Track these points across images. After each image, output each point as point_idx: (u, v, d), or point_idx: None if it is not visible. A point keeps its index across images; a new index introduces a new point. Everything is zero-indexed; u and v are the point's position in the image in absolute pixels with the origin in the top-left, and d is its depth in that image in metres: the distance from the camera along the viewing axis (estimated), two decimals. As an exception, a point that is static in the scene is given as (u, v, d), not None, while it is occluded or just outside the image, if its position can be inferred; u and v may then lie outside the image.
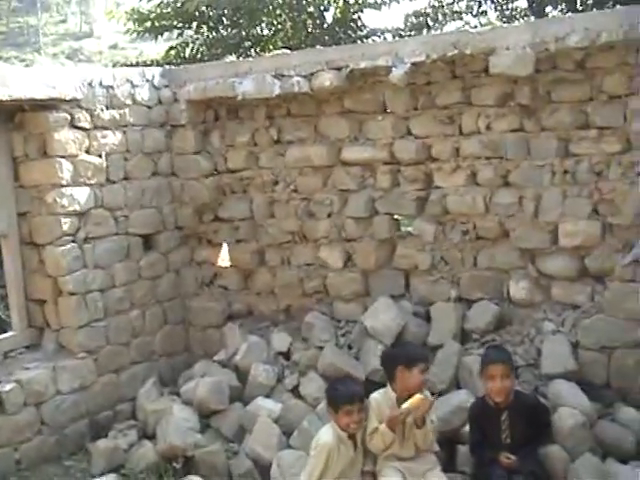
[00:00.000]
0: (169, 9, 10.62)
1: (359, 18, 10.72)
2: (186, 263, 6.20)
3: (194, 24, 10.70)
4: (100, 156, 5.39)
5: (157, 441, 4.94)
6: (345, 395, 3.86)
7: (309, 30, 10.75)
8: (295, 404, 4.98)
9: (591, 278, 4.82)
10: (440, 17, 11.87)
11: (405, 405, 3.97)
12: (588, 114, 4.68)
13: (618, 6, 8.20)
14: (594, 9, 8.76)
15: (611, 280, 4.62)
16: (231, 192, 6.02)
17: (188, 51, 10.59)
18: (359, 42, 10.06)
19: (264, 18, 10.63)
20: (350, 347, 5.33)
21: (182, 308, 6.16)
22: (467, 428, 4.29)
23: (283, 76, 5.34)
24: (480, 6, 11.78)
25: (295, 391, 5.17)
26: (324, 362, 5.11)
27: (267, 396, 5.14)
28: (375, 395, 4.07)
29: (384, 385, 4.21)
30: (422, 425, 3.95)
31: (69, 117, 5.19)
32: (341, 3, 10.79)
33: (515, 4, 11.90)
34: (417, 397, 3.97)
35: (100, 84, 5.39)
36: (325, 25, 10.90)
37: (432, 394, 4.30)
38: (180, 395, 5.32)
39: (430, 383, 4.64)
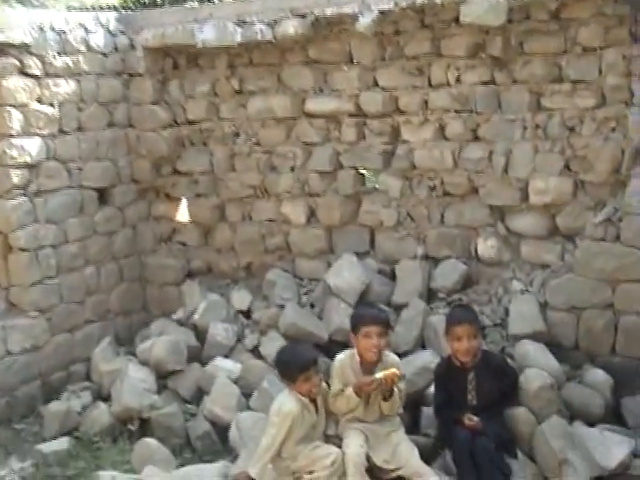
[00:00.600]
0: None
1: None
2: (143, 218, 6.00)
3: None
4: (52, 105, 5.15)
5: (112, 403, 4.81)
6: (298, 364, 3.72)
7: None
8: (255, 364, 4.89)
9: (561, 237, 4.74)
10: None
11: (379, 375, 3.79)
12: (562, 67, 4.55)
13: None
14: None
15: (582, 239, 4.53)
16: (190, 144, 5.85)
17: (146, -6, 10.68)
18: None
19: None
20: (312, 306, 5.25)
21: (139, 265, 6.00)
22: (432, 389, 4.22)
23: (245, 23, 5.16)
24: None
25: (255, 351, 5.08)
26: (285, 321, 5.00)
27: (226, 356, 5.04)
28: (340, 356, 3.95)
29: (347, 345, 4.11)
30: (389, 398, 3.85)
31: (18, 63, 4.93)
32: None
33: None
34: (391, 371, 3.82)
35: (51, 29, 5.23)
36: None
37: (398, 355, 4.22)
38: (136, 355, 5.19)
39: (395, 344, 4.63)
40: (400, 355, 4.45)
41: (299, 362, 3.74)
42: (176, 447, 4.49)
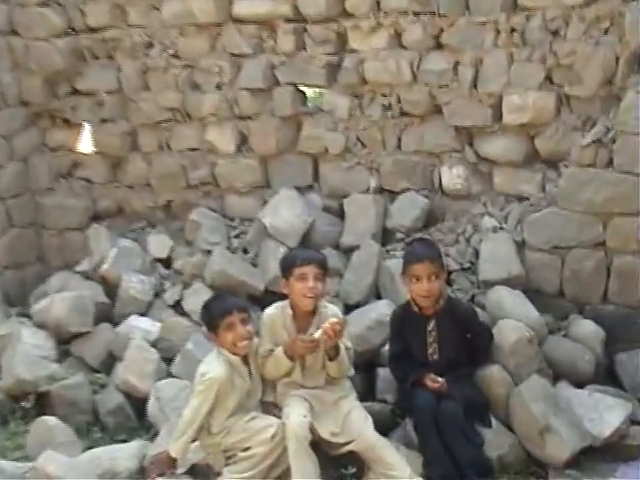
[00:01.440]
0: None
1: None
2: (36, 149, 5.75)
3: None
4: None
5: (1, 376, 4.67)
6: (221, 308, 3.72)
7: None
8: (177, 323, 4.83)
9: (542, 163, 4.71)
10: None
11: (318, 334, 3.69)
12: (543, -46, 4.37)
13: None
14: None
15: (567, 165, 4.47)
16: (93, 57, 5.57)
17: None
18: None
19: None
20: (246, 251, 5.23)
21: (32, 207, 5.78)
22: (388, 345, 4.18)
23: None
24: None
25: (177, 307, 5.01)
26: (213, 270, 4.93)
27: (142, 314, 4.97)
28: (269, 311, 3.91)
29: (286, 297, 4.06)
30: (335, 357, 3.77)
31: None
32: None
33: None
34: (330, 322, 3.68)
35: None
36: None
37: (348, 308, 4.29)
38: (31, 317, 5.03)
39: (345, 293, 4.66)
40: (350, 307, 4.52)
41: (220, 306, 3.73)
42: (82, 426, 4.37)
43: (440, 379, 3.76)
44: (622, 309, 4.38)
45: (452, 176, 4.96)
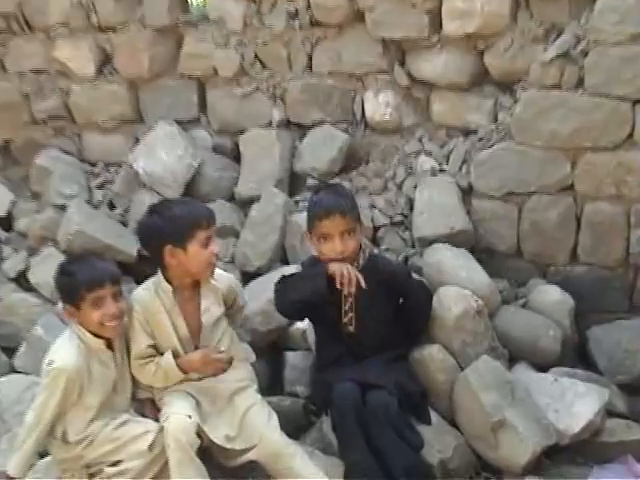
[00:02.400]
0: None
1: None
2: None
3: None
4: None
5: None
6: (88, 276, 3.56)
7: None
8: (21, 300, 4.82)
9: (493, 86, 4.72)
10: None
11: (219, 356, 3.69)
12: None
13: None
14: None
15: (525, 88, 4.46)
16: None
17: None
18: None
19: None
20: (112, 205, 5.21)
21: None
22: (297, 325, 4.27)
23: None
24: None
25: (21, 280, 4.99)
26: (69, 230, 4.84)
27: None
28: (139, 295, 3.75)
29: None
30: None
31: None
32: None
33: None
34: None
35: None
36: None
37: (247, 276, 4.37)
38: None
39: (242, 258, 4.67)
40: (249, 275, 4.52)
41: (88, 274, 3.57)
42: None
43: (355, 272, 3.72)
44: (596, 270, 4.44)
45: (378, 104, 4.95)
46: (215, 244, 3.69)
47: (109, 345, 3.66)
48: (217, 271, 3.82)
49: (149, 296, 3.74)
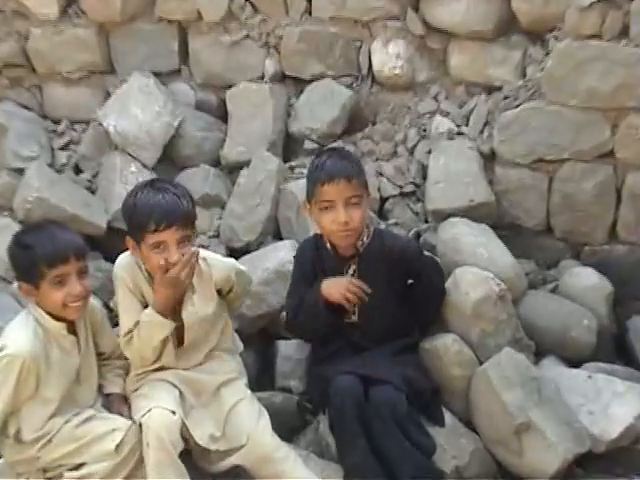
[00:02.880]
0: None
1: None
2: None
3: None
4: None
5: None
6: (50, 250, 3.50)
7: None
8: None
9: (522, 35, 4.70)
10: None
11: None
12: None
13: None
14: None
15: (559, 37, 4.44)
16: None
17: None
18: None
19: None
20: (78, 169, 5.17)
21: None
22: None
23: None
24: None
25: None
26: (27, 198, 4.76)
27: None
28: (123, 259, 3.76)
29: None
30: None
31: None
32: None
33: None
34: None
35: None
36: None
37: (234, 252, 4.41)
38: None
39: (228, 232, 4.68)
40: (237, 252, 4.51)
41: (50, 247, 3.51)
42: None
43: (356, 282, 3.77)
44: (638, 251, 4.42)
45: (388, 56, 4.92)
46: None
47: (71, 329, 3.63)
48: (213, 256, 3.83)
49: (133, 263, 3.73)
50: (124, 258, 3.77)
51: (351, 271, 3.87)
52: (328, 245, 3.90)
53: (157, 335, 3.63)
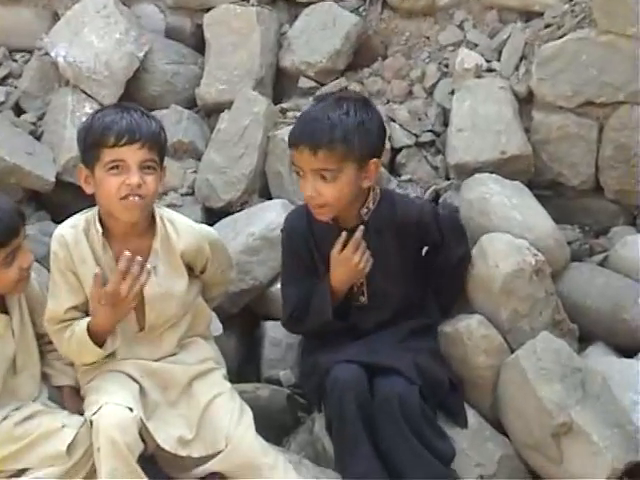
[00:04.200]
0: None
1: None
2: None
3: None
4: None
5: None
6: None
7: None
8: None
9: None
10: None
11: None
12: None
13: None
14: None
15: None
16: None
17: None
18: None
19: None
20: (20, 109, 5.23)
21: None
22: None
23: None
24: None
25: None
26: None
27: None
28: (63, 230, 3.79)
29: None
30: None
31: None
32: None
33: None
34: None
35: None
36: None
37: (213, 216, 4.48)
38: None
39: (205, 189, 4.72)
40: (216, 214, 4.61)
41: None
42: None
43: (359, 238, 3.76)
44: None
45: None
46: (134, 169, 3.64)
47: (1, 307, 3.67)
48: (182, 220, 3.86)
49: (74, 236, 3.74)
50: (65, 225, 3.81)
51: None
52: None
53: (87, 358, 3.71)
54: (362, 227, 3.75)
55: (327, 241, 3.88)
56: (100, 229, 3.70)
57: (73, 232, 3.74)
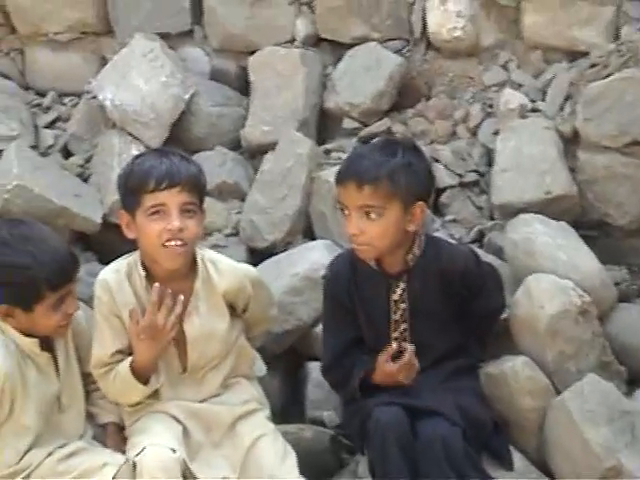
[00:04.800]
0: None
1: None
2: None
3: None
4: None
5: None
6: (51, 269, 3.54)
7: None
8: None
9: None
10: None
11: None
12: None
13: None
14: None
15: None
16: None
17: None
18: None
19: None
20: (68, 152, 5.21)
21: None
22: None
23: None
24: None
25: None
26: (5, 186, 4.74)
27: None
28: (106, 275, 3.80)
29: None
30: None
31: None
32: None
33: None
34: None
35: None
36: None
37: (254, 255, 4.40)
38: None
39: (249, 230, 4.69)
40: (260, 255, 4.55)
41: (51, 265, 3.53)
42: None
43: (410, 347, 3.76)
44: None
45: (447, 15, 4.91)
46: (174, 214, 3.65)
47: (45, 345, 3.65)
48: (225, 260, 3.85)
49: (117, 280, 3.74)
50: (108, 270, 3.81)
51: (399, 291, 3.86)
52: (371, 262, 3.90)
53: (132, 397, 3.71)
54: (413, 347, 3.75)
55: (370, 287, 3.88)
56: (143, 272, 3.71)
57: (116, 277, 3.75)
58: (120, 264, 3.80)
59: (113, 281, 3.74)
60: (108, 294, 3.72)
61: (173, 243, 3.59)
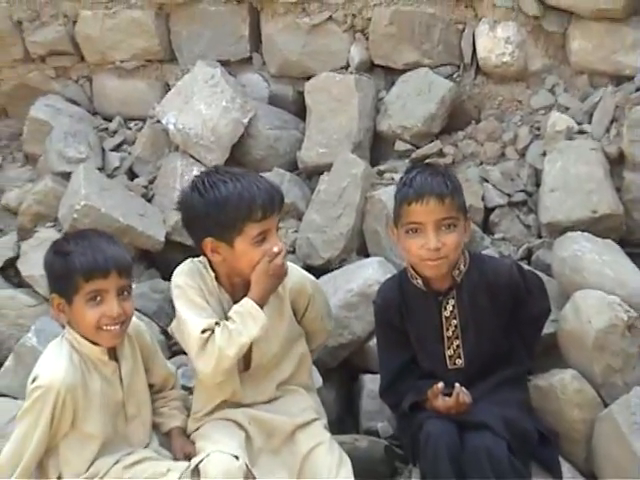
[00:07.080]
0: None
1: None
2: None
3: None
4: None
5: None
6: (87, 260, 3.52)
7: None
8: (8, 299, 4.87)
9: None
10: None
11: None
12: None
13: None
14: None
15: None
16: None
17: None
18: None
19: None
20: (133, 173, 5.24)
21: None
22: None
23: None
24: None
25: (10, 271, 5.02)
26: (74, 206, 4.79)
27: None
28: (183, 267, 3.79)
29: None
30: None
31: None
32: None
33: None
34: None
35: None
36: None
37: (313, 270, 4.28)
38: None
39: (306, 247, 4.69)
40: (316, 270, 4.44)
41: (87, 257, 3.54)
42: None
43: (465, 392, 3.69)
44: None
45: (496, 41, 4.91)
46: (276, 239, 3.67)
47: (112, 355, 3.65)
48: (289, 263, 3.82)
49: (197, 272, 3.75)
50: (184, 267, 3.79)
51: (450, 307, 3.84)
52: (419, 280, 3.87)
53: (250, 329, 3.58)
54: (461, 388, 3.69)
55: (421, 308, 3.88)
56: (212, 273, 3.70)
57: (193, 266, 3.76)
58: (190, 262, 3.80)
59: (195, 270, 3.75)
60: (196, 277, 3.72)
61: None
